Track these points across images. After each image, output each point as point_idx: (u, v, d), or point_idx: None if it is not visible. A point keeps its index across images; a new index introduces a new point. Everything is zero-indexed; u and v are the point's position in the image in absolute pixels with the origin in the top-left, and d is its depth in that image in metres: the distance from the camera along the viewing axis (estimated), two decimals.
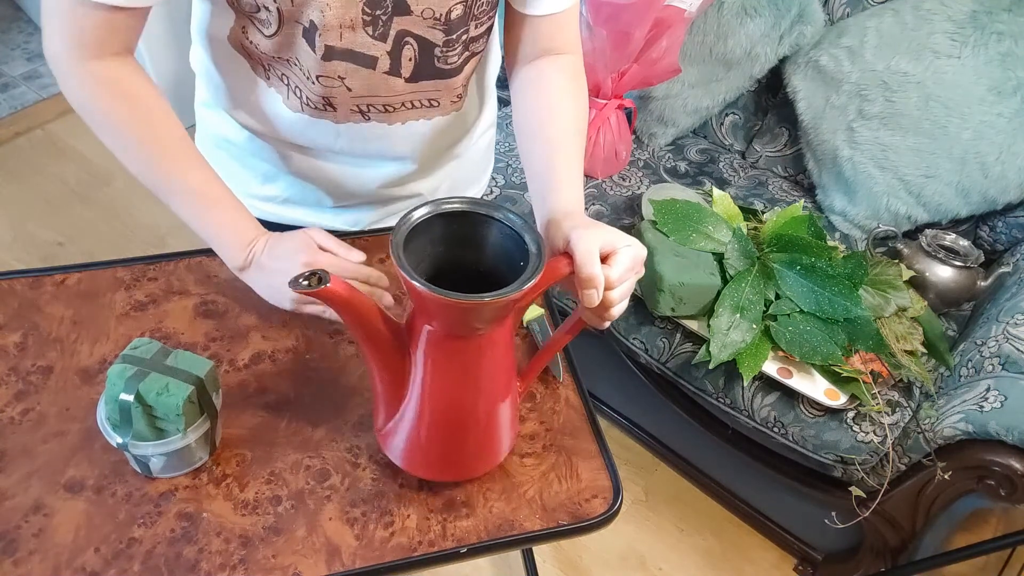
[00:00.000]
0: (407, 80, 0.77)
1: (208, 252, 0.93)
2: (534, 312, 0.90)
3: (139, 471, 0.71)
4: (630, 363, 1.56)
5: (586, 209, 1.63)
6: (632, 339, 1.48)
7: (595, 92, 1.65)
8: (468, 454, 0.70)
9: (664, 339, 1.43)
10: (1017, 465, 1.13)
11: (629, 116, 1.78)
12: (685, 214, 1.37)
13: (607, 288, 0.63)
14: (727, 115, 1.87)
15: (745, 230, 1.39)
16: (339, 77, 0.75)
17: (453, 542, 0.70)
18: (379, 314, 0.63)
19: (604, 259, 0.63)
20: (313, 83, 0.75)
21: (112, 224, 2.21)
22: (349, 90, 0.76)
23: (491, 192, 1.64)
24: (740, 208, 1.47)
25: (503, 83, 0.87)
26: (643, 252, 0.66)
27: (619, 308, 0.65)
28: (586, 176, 1.72)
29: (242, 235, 0.78)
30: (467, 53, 0.78)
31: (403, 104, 0.80)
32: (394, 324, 0.65)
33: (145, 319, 0.84)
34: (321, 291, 0.57)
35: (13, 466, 0.71)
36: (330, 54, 0.72)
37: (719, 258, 1.34)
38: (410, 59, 0.75)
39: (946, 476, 1.18)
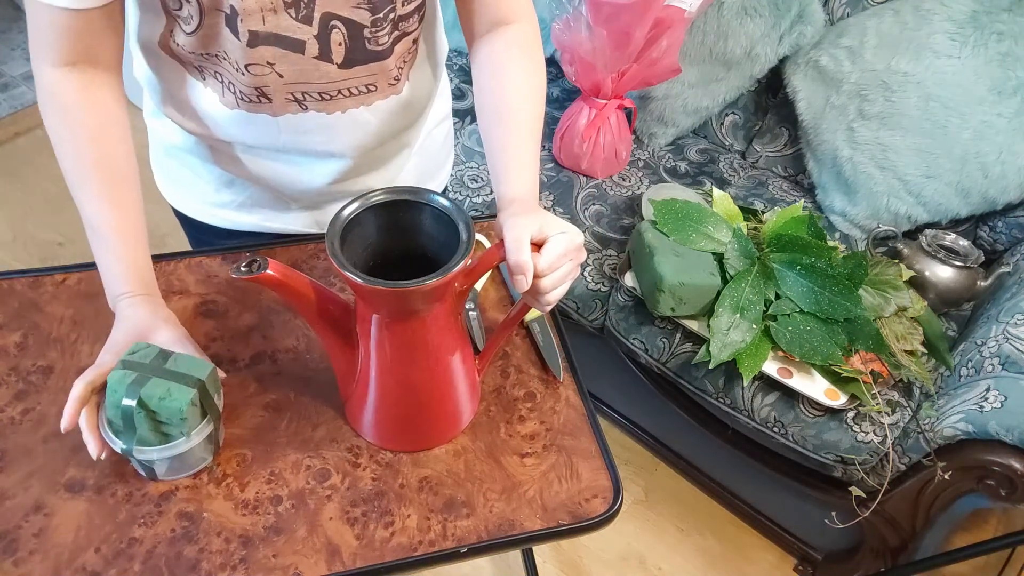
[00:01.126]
0: (340, 66, 0.76)
1: (208, 252, 0.93)
2: (535, 313, 0.90)
3: (143, 475, 0.71)
4: (630, 363, 1.56)
5: (585, 209, 1.63)
6: (632, 339, 1.48)
7: (595, 92, 1.65)
8: (421, 426, 0.75)
9: (664, 339, 1.43)
10: (1017, 465, 1.13)
11: (629, 116, 1.78)
12: (685, 214, 1.37)
13: (538, 275, 0.66)
14: (727, 115, 1.87)
15: (745, 230, 1.40)
16: (268, 63, 0.73)
17: (453, 542, 0.70)
18: (322, 294, 0.67)
19: (539, 246, 0.66)
20: (243, 74, 0.74)
21: None
22: (280, 76, 0.75)
23: (479, 194, 1.64)
24: (740, 208, 1.47)
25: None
26: (578, 239, 0.68)
27: (555, 293, 0.68)
28: (586, 176, 1.72)
29: (111, 287, 0.77)
30: (397, 32, 0.77)
31: (339, 92, 0.78)
32: (342, 304, 0.69)
33: None
34: (260, 276, 0.61)
35: (13, 466, 0.71)
36: (255, 39, 0.71)
37: (719, 258, 1.34)
38: (340, 44, 0.74)
39: (946, 476, 1.18)
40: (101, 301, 0.86)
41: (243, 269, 0.61)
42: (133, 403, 0.64)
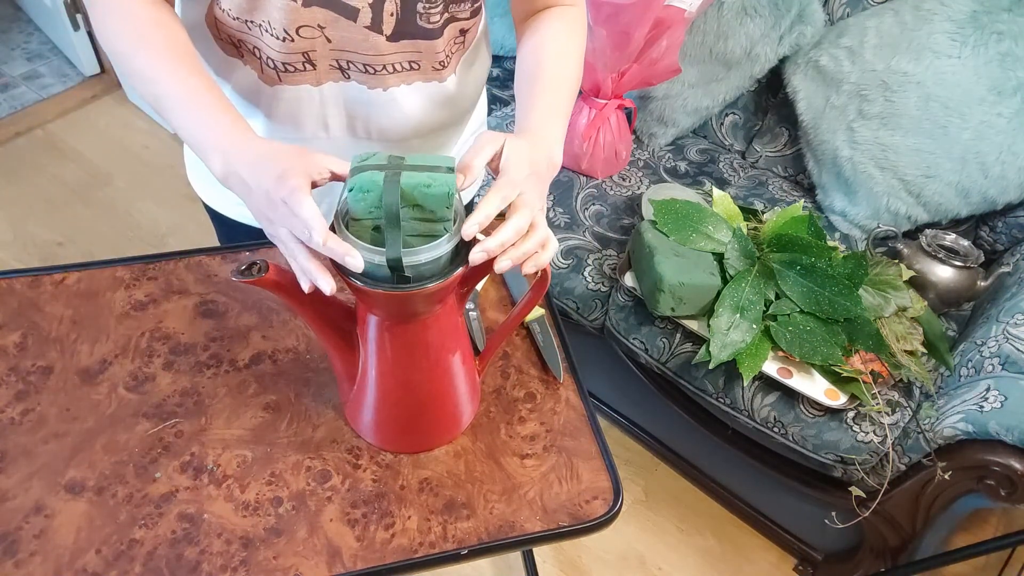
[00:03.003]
0: (388, 38, 0.76)
1: (208, 251, 0.93)
2: (535, 313, 0.90)
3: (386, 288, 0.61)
4: (630, 363, 1.56)
5: (585, 209, 1.63)
6: (632, 339, 1.48)
7: (595, 92, 1.65)
8: (422, 427, 0.75)
9: (664, 339, 1.43)
10: (1017, 465, 1.13)
11: (629, 116, 1.78)
12: (685, 214, 1.37)
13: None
14: (727, 115, 1.87)
15: (745, 230, 1.39)
16: (319, 26, 0.74)
17: (454, 543, 0.70)
18: (322, 297, 0.67)
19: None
20: (291, 40, 0.74)
21: (112, 224, 2.21)
22: (328, 41, 0.76)
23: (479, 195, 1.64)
24: (740, 208, 1.47)
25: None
26: (514, 197, 0.63)
27: (522, 250, 0.62)
28: (586, 176, 1.72)
29: (220, 133, 0.68)
30: (447, 15, 0.78)
31: (384, 67, 0.79)
32: (342, 306, 0.70)
33: (145, 318, 0.84)
34: (260, 280, 0.62)
35: (14, 467, 0.71)
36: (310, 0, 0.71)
37: (719, 258, 1.34)
38: (391, 14, 0.74)
39: (946, 476, 1.18)
40: (100, 300, 0.86)
41: (243, 271, 0.61)
42: (397, 198, 0.57)
